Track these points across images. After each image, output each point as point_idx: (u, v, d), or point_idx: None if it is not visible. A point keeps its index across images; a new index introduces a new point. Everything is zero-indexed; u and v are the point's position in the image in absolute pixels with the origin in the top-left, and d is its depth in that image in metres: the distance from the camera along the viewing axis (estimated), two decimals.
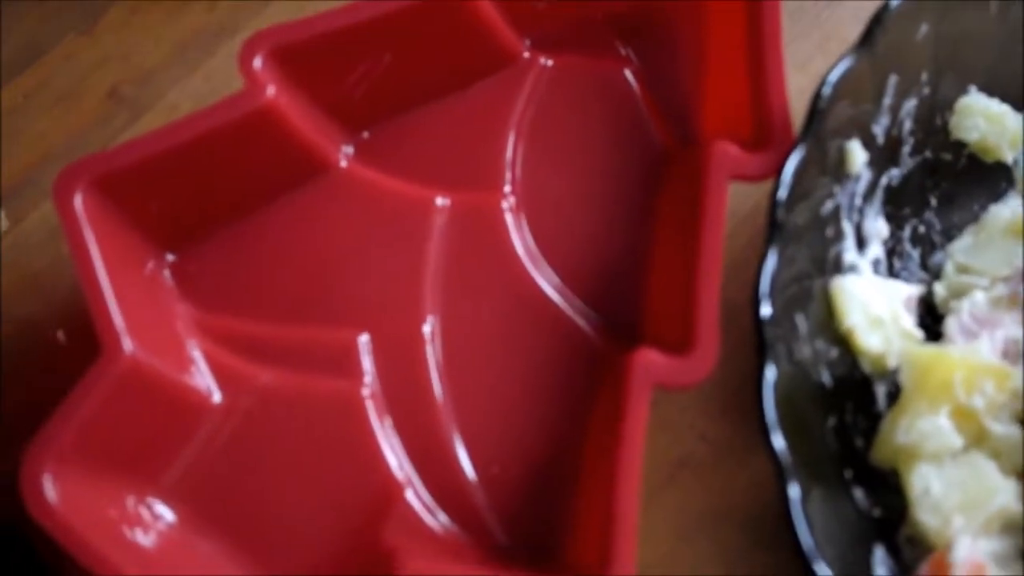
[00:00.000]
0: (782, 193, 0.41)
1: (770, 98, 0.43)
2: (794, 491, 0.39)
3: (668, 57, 0.48)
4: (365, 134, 0.48)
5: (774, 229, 0.41)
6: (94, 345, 0.41)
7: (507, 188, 0.47)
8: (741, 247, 0.47)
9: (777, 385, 0.40)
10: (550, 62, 0.49)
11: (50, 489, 0.39)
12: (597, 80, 0.49)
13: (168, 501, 0.43)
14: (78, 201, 0.41)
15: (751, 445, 0.46)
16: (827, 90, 0.42)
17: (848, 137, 0.43)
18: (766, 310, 0.40)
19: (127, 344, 0.40)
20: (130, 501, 0.42)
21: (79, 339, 0.46)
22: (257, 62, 0.43)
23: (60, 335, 0.46)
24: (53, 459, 0.39)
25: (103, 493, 0.41)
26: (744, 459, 0.46)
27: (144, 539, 0.41)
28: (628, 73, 0.49)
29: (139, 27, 0.51)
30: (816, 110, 0.42)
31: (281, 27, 0.43)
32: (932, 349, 0.42)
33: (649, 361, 0.40)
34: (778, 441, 0.39)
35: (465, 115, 0.48)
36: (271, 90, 0.43)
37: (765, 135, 0.43)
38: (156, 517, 0.42)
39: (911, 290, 0.45)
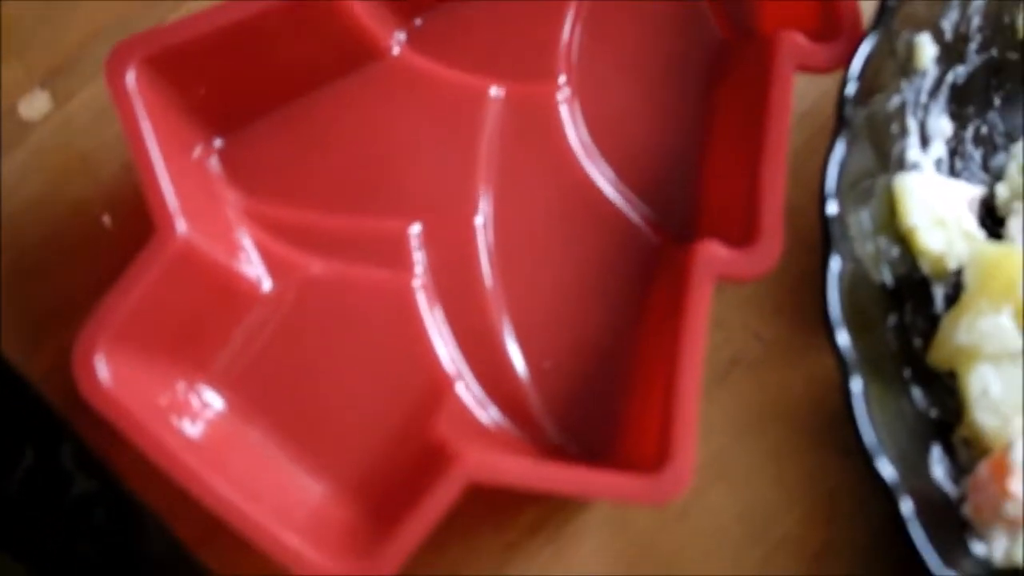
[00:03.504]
0: (851, 87, 0.40)
1: None
2: (857, 387, 0.38)
3: None
4: (418, 21, 0.46)
5: (841, 124, 0.40)
6: (140, 230, 0.40)
7: (562, 79, 0.46)
8: (800, 144, 0.46)
9: (840, 281, 0.39)
10: None
11: (103, 369, 0.38)
12: None
13: (217, 388, 0.42)
14: (130, 78, 0.40)
15: (805, 345, 0.45)
16: None
17: (916, 30, 0.42)
18: (832, 208, 0.39)
19: (180, 225, 0.40)
20: (180, 386, 0.41)
21: (125, 223, 0.46)
22: None
23: (106, 219, 0.46)
24: (106, 339, 0.39)
25: (154, 377, 0.41)
26: (798, 359, 0.45)
27: (193, 427, 0.41)
28: None
29: None
30: (886, 1, 0.41)
31: None
32: (998, 248, 0.42)
33: (712, 253, 0.39)
34: (842, 338, 0.38)
35: (520, 3, 0.47)
36: None
37: (832, 26, 0.42)
38: (205, 404, 0.42)
39: (974, 191, 0.44)
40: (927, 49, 0.42)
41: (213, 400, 0.42)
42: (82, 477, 0.61)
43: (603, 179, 0.45)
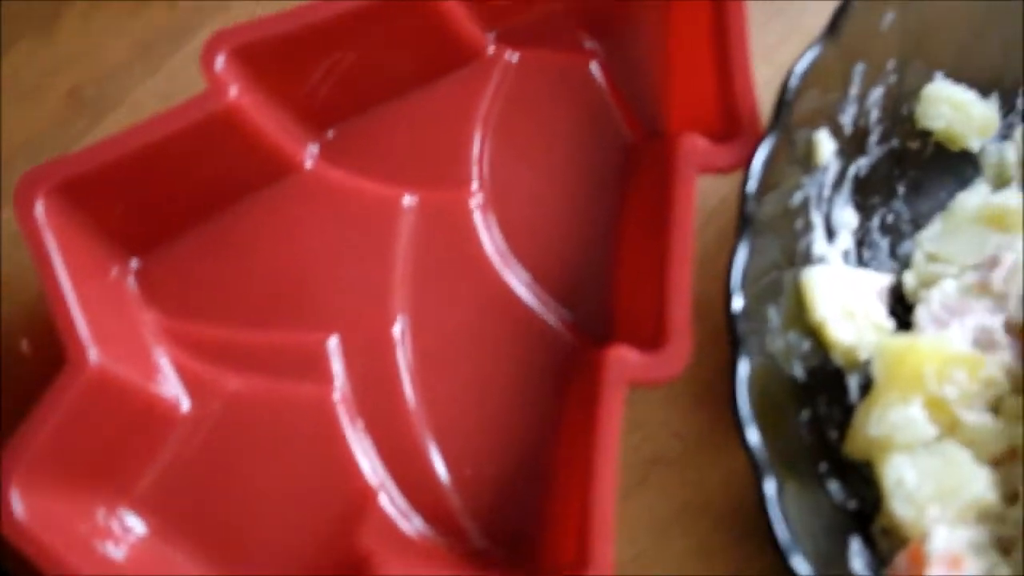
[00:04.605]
0: (751, 185, 0.41)
1: (737, 89, 0.43)
2: (770, 486, 0.38)
3: (634, 50, 0.48)
4: (330, 133, 0.47)
5: (744, 221, 0.41)
6: (59, 354, 0.40)
7: (475, 185, 0.47)
8: (710, 240, 0.47)
9: (751, 379, 0.40)
10: (515, 56, 0.48)
11: (18, 503, 0.38)
12: (563, 74, 0.48)
13: (139, 512, 0.42)
14: (39, 208, 0.41)
15: (724, 440, 0.46)
16: (794, 80, 0.42)
17: (816, 127, 0.43)
18: (738, 303, 0.40)
19: (93, 353, 0.40)
20: (100, 513, 0.41)
21: (44, 348, 0.46)
22: (219, 62, 0.42)
23: (24, 344, 0.46)
24: (21, 472, 0.39)
25: (72, 506, 0.41)
26: (717, 454, 0.46)
27: (115, 552, 0.41)
28: (594, 66, 0.48)
29: (99, 26, 0.50)
30: (784, 101, 0.41)
31: (242, 26, 0.43)
32: (903, 340, 0.42)
33: (622, 358, 0.40)
34: (753, 436, 0.39)
35: (431, 112, 0.47)
36: (233, 90, 0.42)
37: (733, 127, 0.43)
38: (127, 529, 0.42)
39: (882, 280, 0.45)
40: (826, 144, 0.43)
41: (135, 524, 0.42)
42: None
43: (519, 283, 0.46)
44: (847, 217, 0.45)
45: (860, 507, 0.42)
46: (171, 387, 0.43)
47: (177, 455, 0.43)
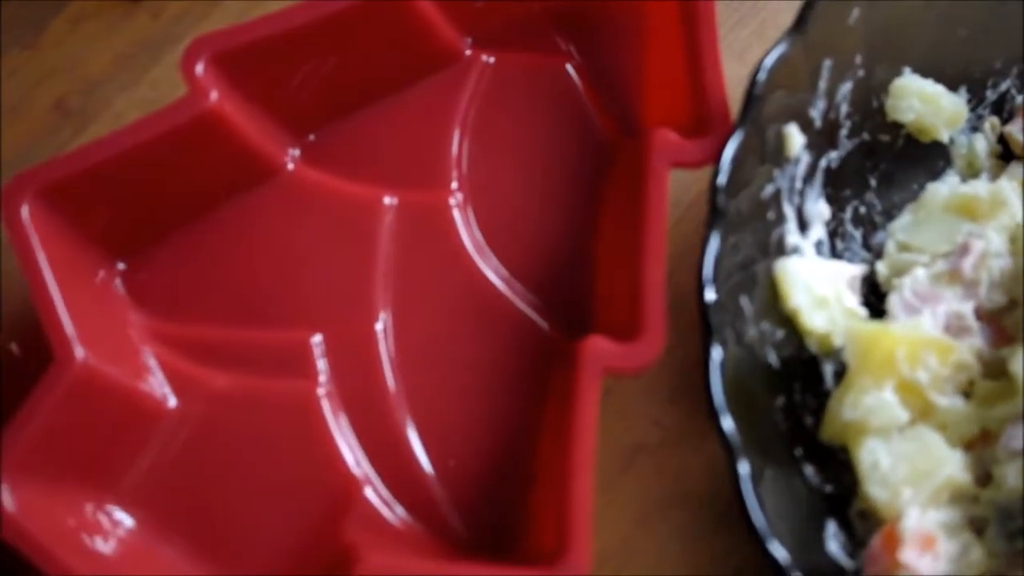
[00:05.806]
0: (721, 179, 0.42)
1: (707, 86, 0.44)
2: (744, 471, 0.39)
3: (608, 50, 0.49)
4: (311, 136, 0.48)
5: (715, 214, 0.41)
6: (48, 356, 0.41)
7: (454, 185, 0.48)
8: (688, 233, 0.48)
9: (725, 368, 0.40)
10: (492, 59, 0.49)
11: (8, 499, 0.39)
12: (539, 75, 0.49)
13: (127, 507, 0.43)
14: (25, 212, 0.41)
15: (704, 429, 0.46)
16: (762, 76, 0.42)
17: (785, 122, 0.44)
18: (710, 294, 0.41)
19: (79, 351, 0.41)
20: (88, 508, 0.42)
21: (33, 351, 0.46)
22: (199, 68, 0.43)
23: (14, 347, 0.46)
24: (10, 469, 0.39)
25: (61, 501, 0.41)
26: (698, 443, 0.46)
27: (104, 546, 0.42)
28: (570, 67, 0.49)
29: (83, 38, 0.52)
30: (752, 96, 0.42)
31: (222, 32, 0.44)
32: (874, 325, 0.43)
33: (598, 348, 0.41)
34: (727, 423, 0.40)
35: (410, 114, 0.48)
36: (214, 95, 0.43)
37: (704, 122, 0.44)
38: (115, 523, 0.43)
39: (854, 270, 0.46)
40: (796, 138, 0.44)
41: (123, 519, 0.43)
42: None
43: (498, 279, 0.47)
44: (820, 209, 0.46)
45: (836, 491, 0.43)
46: (158, 385, 0.44)
47: (164, 451, 0.44)
